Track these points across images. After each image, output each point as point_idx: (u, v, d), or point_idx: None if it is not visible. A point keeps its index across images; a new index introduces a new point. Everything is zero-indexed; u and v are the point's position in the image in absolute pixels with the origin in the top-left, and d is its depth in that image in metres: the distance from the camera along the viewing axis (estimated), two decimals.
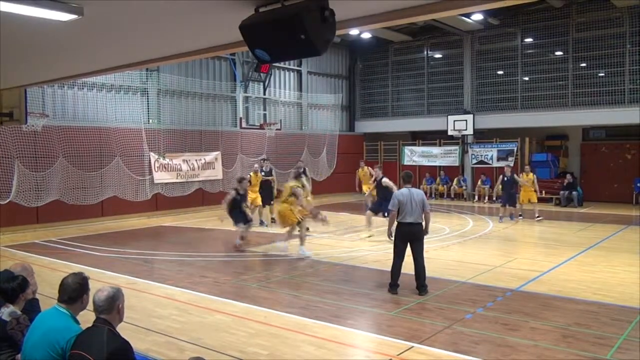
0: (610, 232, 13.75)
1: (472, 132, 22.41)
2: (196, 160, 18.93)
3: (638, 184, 20.27)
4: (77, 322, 3.63)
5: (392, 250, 8.41)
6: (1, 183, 13.88)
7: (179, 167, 18.39)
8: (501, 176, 16.89)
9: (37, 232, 14.41)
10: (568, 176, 20.41)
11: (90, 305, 3.75)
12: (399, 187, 9.05)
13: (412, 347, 5.89)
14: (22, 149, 14.35)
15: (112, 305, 3.42)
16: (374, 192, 16.61)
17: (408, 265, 9.63)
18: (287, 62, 22.65)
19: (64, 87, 15.91)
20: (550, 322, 6.68)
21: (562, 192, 20.37)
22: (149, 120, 17.99)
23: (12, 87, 8.11)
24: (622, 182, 20.68)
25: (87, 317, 3.68)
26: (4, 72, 6.48)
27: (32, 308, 4.29)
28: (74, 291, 3.64)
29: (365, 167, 17.73)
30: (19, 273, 4.43)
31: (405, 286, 8.45)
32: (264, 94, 22.15)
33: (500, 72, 22.45)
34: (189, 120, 19.42)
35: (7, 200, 13.86)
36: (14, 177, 14.11)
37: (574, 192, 20.15)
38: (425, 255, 8.42)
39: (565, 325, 6.56)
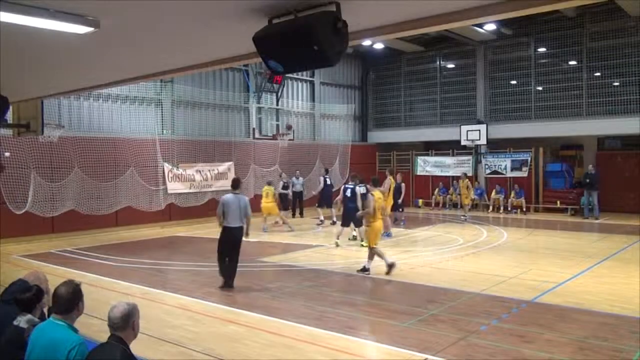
0: (627, 243, 13.56)
1: (485, 142, 22.28)
2: (209, 170, 19.02)
3: None
4: (75, 330, 3.60)
5: (403, 261, 8.35)
6: (17, 193, 14.05)
7: (192, 177, 18.49)
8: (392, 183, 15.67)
9: (53, 241, 14.54)
10: (586, 174, 19.64)
11: (87, 310, 3.75)
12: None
13: (426, 358, 5.83)
14: (38, 160, 14.52)
15: (127, 322, 3.41)
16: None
17: (422, 275, 9.62)
18: (299, 73, 22.72)
19: (79, 98, 16.11)
20: (567, 335, 6.58)
21: (583, 197, 19.82)
22: (162, 131, 18.14)
23: (29, 99, 8.24)
24: (638, 192, 20.41)
25: (88, 322, 3.69)
26: (22, 84, 6.59)
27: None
28: (67, 301, 3.60)
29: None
30: (32, 282, 4.46)
31: (418, 297, 8.40)
32: (277, 104, 22.23)
33: (513, 82, 22.35)
34: (202, 130, 19.55)
35: (23, 210, 14.01)
36: (30, 188, 14.26)
37: (595, 193, 19.09)
38: (438, 265, 8.36)
39: (582, 338, 6.46)
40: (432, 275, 9.97)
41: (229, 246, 9.12)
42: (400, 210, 16.95)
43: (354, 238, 14.15)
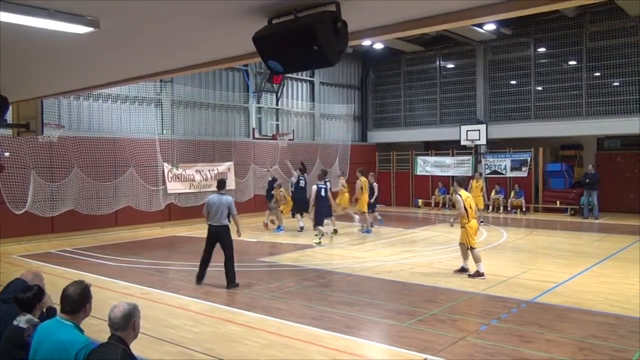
0: (627, 243, 13.56)
1: (485, 142, 22.29)
2: (209, 170, 19.02)
3: None
4: (81, 331, 3.62)
5: (403, 261, 8.36)
6: (17, 193, 14.04)
7: (192, 177, 18.49)
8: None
9: (52, 241, 14.53)
10: (586, 174, 19.56)
11: (94, 312, 3.75)
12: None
13: (426, 358, 5.84)
14: (38, 160, 14.52)
15: (128, 322, 3.42)
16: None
17: (422, 275, 9.61)
18: (299, 73, 22.72)
19: (79, 98, 16.11)
20: (566, 335, 6.58)
21: (582, 197, 19.81)
22: (162, 131, 18.13)
23: (29, 99, 8.24)
24: (638, 192, 20.42)
25: (88, 322, 3.70)
26: (21, 84, 6.59)
27: (49, 317, 4.31)
28: (75, 302, 3.61)
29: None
30: (31, 281, 4.47)
31: (418, 297, 8.41)
32: (277, 104, 22.23)
33: (513, 82, 22.35)
34: (202, 130, 19.55)
35: (23, 210, 14.01)
36: (30, 188, 14.26)
37: (595, 193, 19.06)
38: (438, 266, 8.37)
39: (582, 338, 6.47)
40: (432, 275, 9.98)
41: (213, 243, 9.50)
42: (371, 211, 16.44)
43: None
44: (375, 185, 16.74)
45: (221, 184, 9.73)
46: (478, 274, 9.81)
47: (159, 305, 8.22)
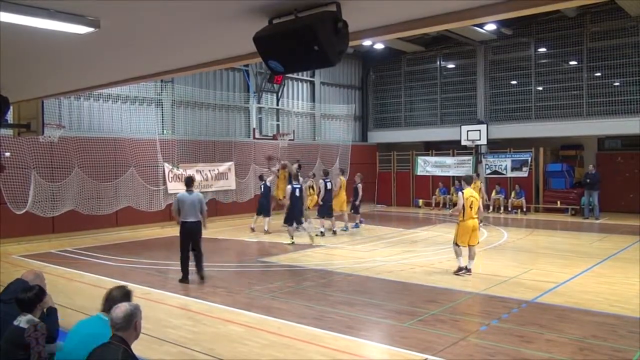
0: (627, 243, 13.56)
1: (485, 142, 22.28)
2: (210, 170, 19.03)
3: None
4: None
5: (403, 261, 8.36)
6: (18, 193, 14.05)
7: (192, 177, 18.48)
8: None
9: (53, 242, 14.54)
10: (586, 174, 19.54)
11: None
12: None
13: (426, 358, 5.84)
14: (39, 160, 14.52)
15: (130, 322, 3.45)
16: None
17: (422, 275, 9.61)
18: (300, 73, 22.72)
19: (79, 98, 16.12)
20: (567, 335, 6.58)
21: (583, 197, 19.79)
22: (163, 131, 18.14)
23: (29, 99, 8.24)
24: (638, 192, 20.42)
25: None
26: (22, 84, 6.59)
27: (49, 317, 4.33)
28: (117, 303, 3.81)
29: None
30: (32, 281, 4.47)
31: (418, 297, 8.40)
32: (277, 104, 22.24)
33: (513, 82, 22.34)
34: (203, 130, 19.56)
35: (24, 211, 14.02)
36: (30, 188, 14.27)
37: (595, 193, 19.03)
38: (438, 265, 8.37)
39: (582, 338, 6.47)
40: (432, 275, 9.99)
41: (189, 239, 9.73)
42: (353, 212, 16.87)
43: (322, 234, 14.69)
44: (360, 186, 16.69)
45: (189, 182, 10.02)
46: (461, 269, 10.01)
47: (159, 305, 8.22)
